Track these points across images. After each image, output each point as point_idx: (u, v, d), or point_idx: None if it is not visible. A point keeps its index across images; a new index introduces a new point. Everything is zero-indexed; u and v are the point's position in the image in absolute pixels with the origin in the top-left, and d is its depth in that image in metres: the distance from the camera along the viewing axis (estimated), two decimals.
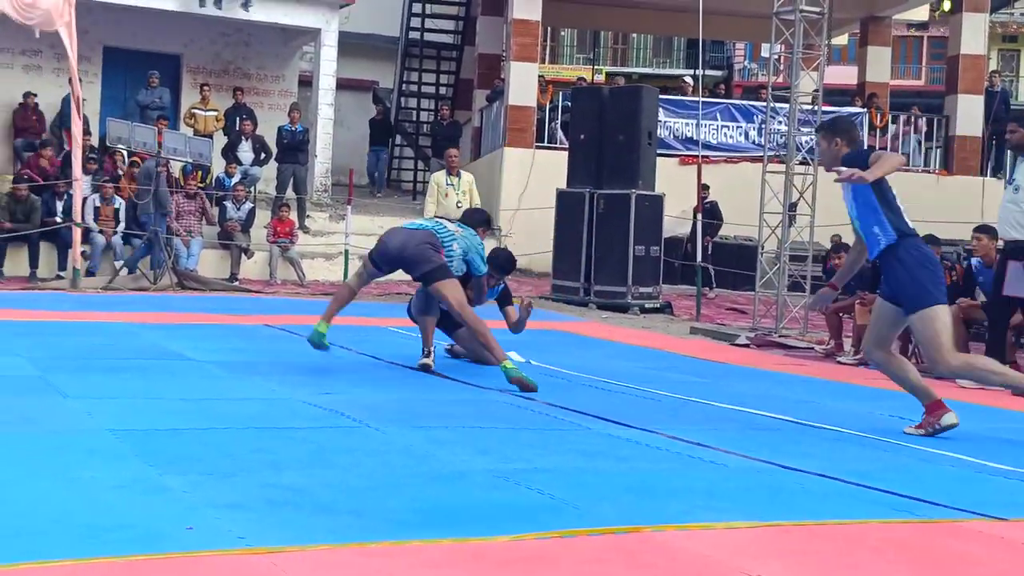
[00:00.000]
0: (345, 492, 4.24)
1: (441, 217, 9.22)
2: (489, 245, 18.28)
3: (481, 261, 7.99)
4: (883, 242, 6.16)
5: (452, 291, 7.53)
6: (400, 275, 8.59)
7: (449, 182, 13.45)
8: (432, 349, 8.01)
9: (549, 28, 34.73)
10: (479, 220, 8.54)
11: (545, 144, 19.51)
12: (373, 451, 5.08)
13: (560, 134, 19.34)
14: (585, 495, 4.37)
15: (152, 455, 4.65)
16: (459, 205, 13.30)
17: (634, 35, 40.83)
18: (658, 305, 14.27)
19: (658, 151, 15.33)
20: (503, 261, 8.54)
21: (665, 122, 19.02)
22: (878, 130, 20.74)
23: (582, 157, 14.73)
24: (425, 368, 7.83)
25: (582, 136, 14.85)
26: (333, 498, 4.13)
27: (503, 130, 19.67)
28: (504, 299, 8.71)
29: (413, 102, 24.90)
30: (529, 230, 17.77)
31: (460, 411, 6.31)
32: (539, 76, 20.35)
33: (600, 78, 35.35)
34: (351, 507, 4.00)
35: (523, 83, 19.52)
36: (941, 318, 6.10)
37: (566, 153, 15.70)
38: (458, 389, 7.21)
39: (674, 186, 15.93)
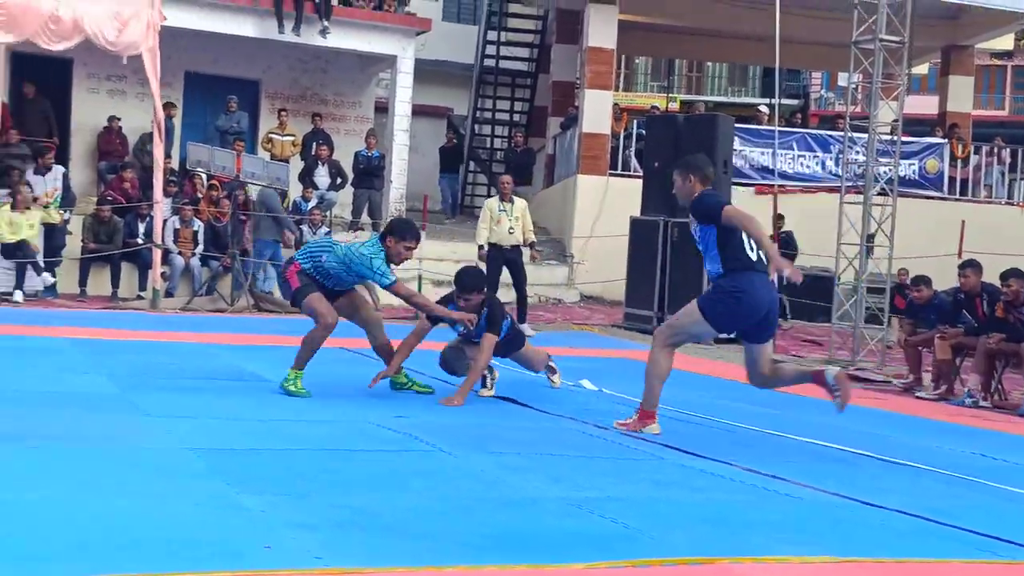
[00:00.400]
0: (418, 515, 4.25)
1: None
2: (554, 271, 18.42)
3: (372, 272, 7.34)
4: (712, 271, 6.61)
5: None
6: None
7: (502, 208, 13.62)
8: (493, 377, 8.01)
9: (623, 56, 34.72)
10: (386, 229, 7.64)
11: (619, 172, 19.49)
12: (445, 475, 5.10)
13: (634, 162, 19.30)
14: (659, 524, 4.34)
15: (229, 474, 4.71)
16: (511, 231, 13.47)
17: (709, 63, 40.71)
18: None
19: (733, 180, 15.24)
20: (459, 277, 7.83)
21: (740, 151, 18.92)
22: (959, 161, 20.39)
23: (656, 185, 14.67)
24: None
25: (656, 164, 14.80)
26: (406, 521, 4.15)
27: (577, 157, 19.69)
28: (511, 344, 8.04)
29: (487, 129, 25.02)
30: (602, 258, 17.74)
31: (532, 438, 6.31)
32: (613, 104, 20.36)
33: (674, 106, 35.28)
34: (424, 530, 4.02)
35: (597, 111, 19.53)
36: (692, 315, 6.56)
37: (640, 181, 15.67)
38: (531, 416, 7.21)
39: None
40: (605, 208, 18.54)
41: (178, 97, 19.73)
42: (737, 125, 17.32)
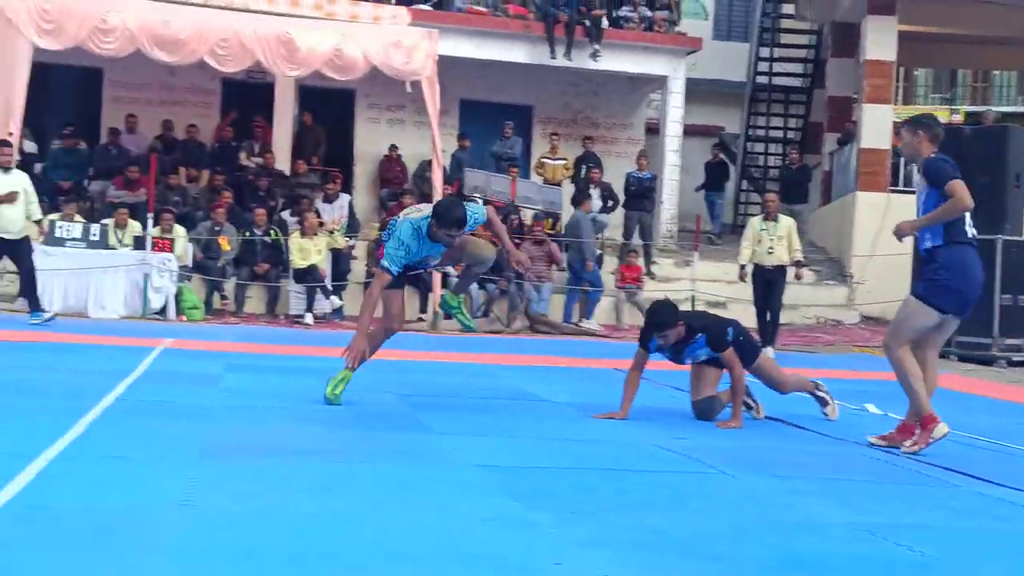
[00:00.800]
0: (706, 536, 4.21)
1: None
2: (832, 291, 17.89)
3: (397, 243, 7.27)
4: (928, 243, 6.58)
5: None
6: None
7: (763, 227, 13.37)
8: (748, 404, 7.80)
9: (902, 68, 33.52)
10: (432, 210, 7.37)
11: (900, 188, 18.81)
12: (730, 498, 5.02)
13: (916, 176, 18.55)
14: (961, 555, 4.14)
15: (517, 491, 4.79)
16: (771, 251, 13.16)
17: (996, 72, 38.79)
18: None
19: None
20: (650, 314, 7.52)
21: None
22: None
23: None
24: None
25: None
26: (694, 542, 4.11)
27: (855, 174, 19.14)
28: (743, 354, 7.54)
29: (760, 147, 24.66)
30: (883, 277, 17.16)
31: (817, 462, 6.14)
32: (893, 118, 19.69)
33: (958, 118, 33.77)
34: (712, 552, 3.97)
35: (876, 125, 18.95)
36: (910, 308, 6.54)
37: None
38: (812, 439, 7.01)
39: None
40: (886, 225, 17.86)
41: (454, 124, 20.36)
42: None
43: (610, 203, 18.57)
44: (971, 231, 6.55)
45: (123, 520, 3.98)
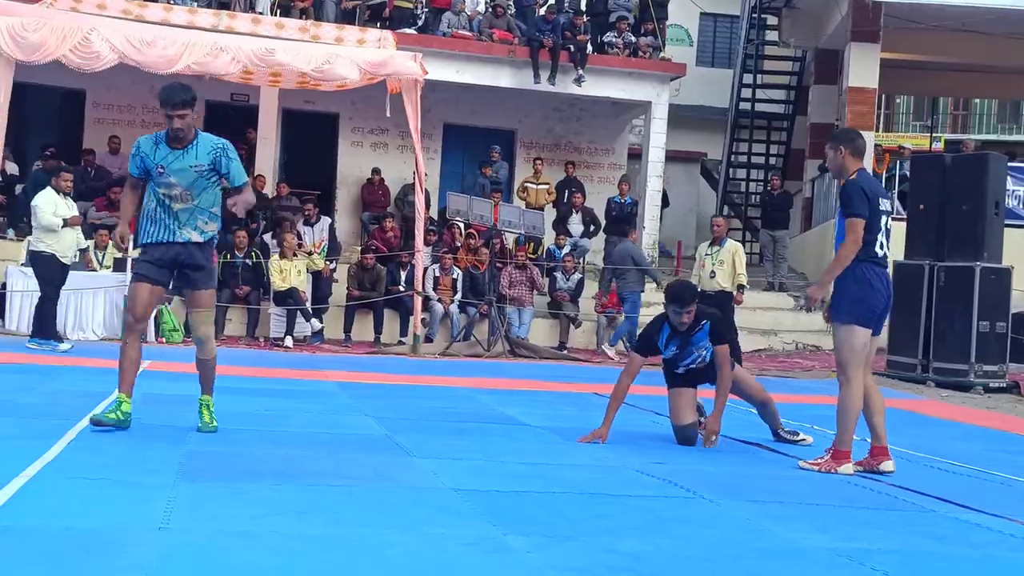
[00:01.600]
0: (684, 562, 4.22)
1: None
2: (812, 318, 17.95)
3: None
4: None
5: None
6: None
7: (707, 252, 13.21)
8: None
9: (883, 95, 33.79)
10: None
11: None
12: (709, 522, 5.03)
13: (897, 204, 18.67)
14: None
15: (496, 515, 4.79)
16: (712, 275, 12.98)
17: (976, 100, 39.12)
18: (1004, 385, 13.47)
19: (1006, 222, 14.54)
20: (668, 290, 7.65)
21: (1014, 191, 18.07)
22: None
23: (921, 228, 14.17)
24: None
25: (921, 206, 14.30)
26: (672, 567, 4.12)
27: (837, 201, 19.20)
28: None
29: (742, 172, 24.77)
30: None
31: (794, 487, 6.15)
32: (875, 145, 19.81)
33: (939, 146, 34.01)
34: None
35: None
36: (838, 337, 6.68)
37: (904, 223, 15.14)
38: (790, 464, 7.00)
39: (1023, 259, 15.04)
40: None
41: (437, 148, 20.40)
42: (1011, 164, 16.55)
43: (592, 228, 18.62)
44: (882, 251, 6.64)
45: (100, 542, 3.97)
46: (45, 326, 12.07)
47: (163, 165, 6.58)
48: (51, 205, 11.94)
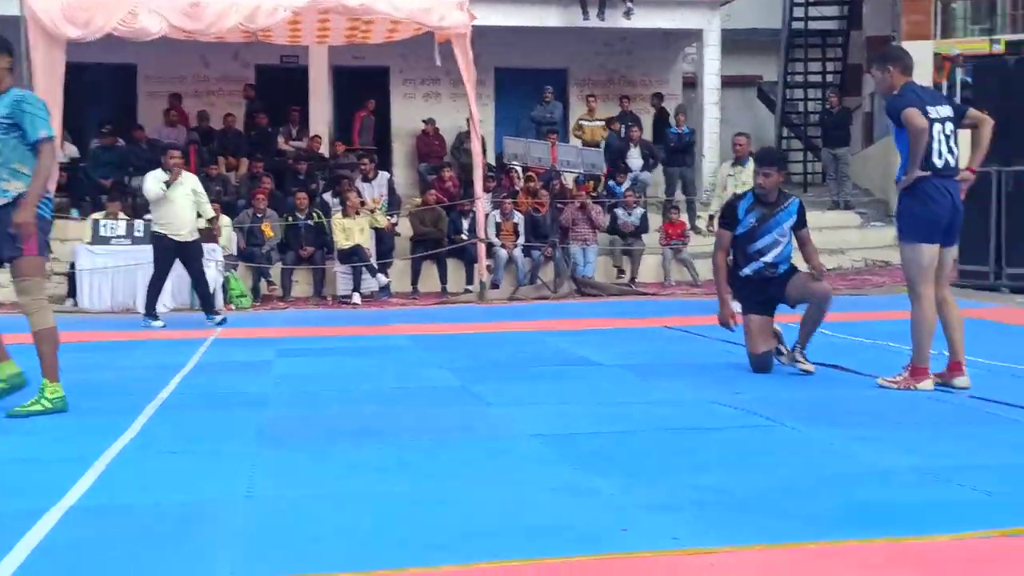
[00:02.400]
0: (771, 492, 4.18)
1: None
2: (880, 233, 17.72)
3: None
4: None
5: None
6: None
7: (730, 172, 12.30)
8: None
9: (939, 2, 32.98)
10: None
11: None
12: (793, 450, 4.99)
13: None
14: None
15: (578, 459, 4.79)
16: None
17: None
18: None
19: None
20: (758, 153, 7.92)
21: None
22: None
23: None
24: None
25: (984, 111, 13.94)
26: (760, 498, 4.09)
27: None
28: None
29: (799, 93, 24.36)
30: None
31: (876, 407, 6.08)
32: (934, 53, 19.37)
33: (999, 48, 33.17)
34: (779, 507, 3.95)
35: (917, 62, 18.58)
36: (903, 255, 6.68)
37: (969, 132, 14.81)
38: (867, 383, 6.91)
39: None
40: None
41: (490, 93, 20.28)
42: None
43: (651, 161, 18.45)
44: (940, 160, 6.53)
45: (189, 515, 4.02)
46: (148, 303, 12.17)
47: None
48: (156, 182, 11.87)
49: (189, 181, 12.02)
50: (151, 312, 12.01)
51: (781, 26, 24.32)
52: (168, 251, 11.93)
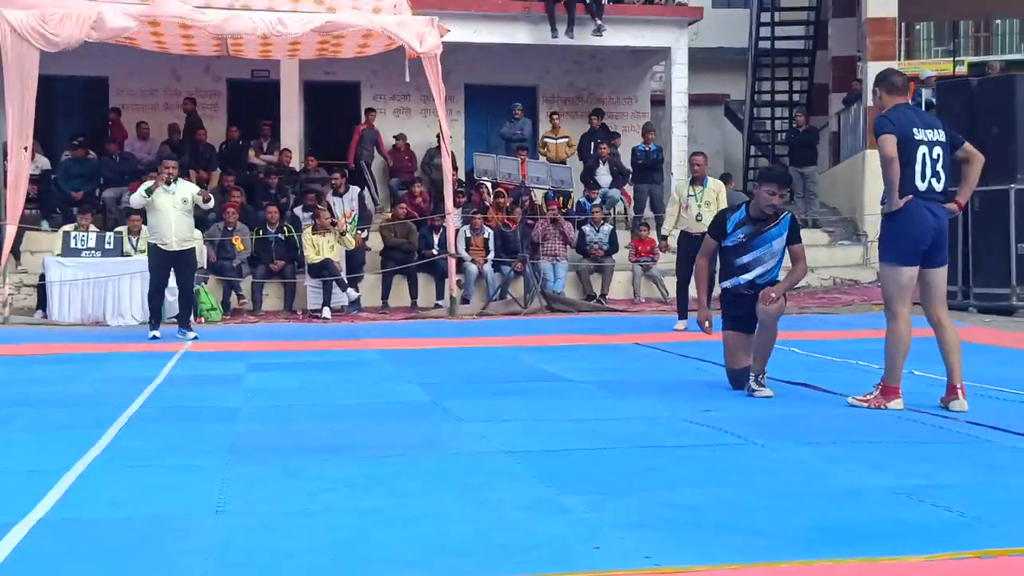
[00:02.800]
0: (743, 510, 4.19)
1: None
2: (847, 251, 17.83)
3: None
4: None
5: None
6: None
7: (691, 192, 12.19)
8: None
9: (903, 23, 33.30)
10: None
11: None
12: (764, 468, 5.00)
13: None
14: (999, 512, 4.11)
15: (549, 475, 4.77)
16: (699, 218, 11.77)
17: (997, 21, 38.53)
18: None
19: None
20: (763, 173, 7.87)
21: None
22: None
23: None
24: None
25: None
26: (732, 517, 4.09)
27: (863, 133, 19.03)
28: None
29: (767, 112, 24.55)
30: None
31: (846, 426, 6.10)
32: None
33: (962, 69, 33.54)
34: (752, 526, 3.95)
35: None
36: (881, 274, 6.74)
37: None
38: (836, 401, 6.95)
39: None
40: None
41: (460, 110, 20.31)
42: None
43: (619, 177, 18.51)
44: (924, 183, 6.48)
45: (160, 529, 3.98)
46: (150, 314, 12.10)
47: None
48: (139, 190, 11.74)
49: (183, 191, 11.90)
50: (152, 323, 11.98)
51: (748, 45, 24.52)
52: (160, 261, 11.88)
